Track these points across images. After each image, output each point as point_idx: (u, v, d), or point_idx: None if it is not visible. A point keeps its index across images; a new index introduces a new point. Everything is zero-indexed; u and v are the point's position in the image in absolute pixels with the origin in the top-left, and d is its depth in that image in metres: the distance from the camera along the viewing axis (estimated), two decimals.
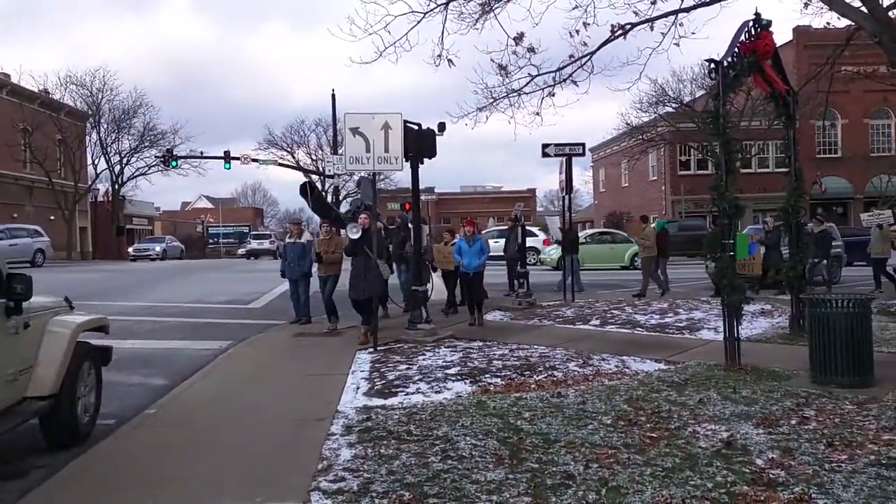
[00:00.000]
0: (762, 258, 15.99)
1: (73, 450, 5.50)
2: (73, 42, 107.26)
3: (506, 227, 34.71)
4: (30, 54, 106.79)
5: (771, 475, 4.34)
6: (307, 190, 12.17)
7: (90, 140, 48.72)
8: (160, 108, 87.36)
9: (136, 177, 51.27)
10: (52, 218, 44.04)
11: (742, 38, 8.18)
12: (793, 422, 5.50)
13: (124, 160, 49.84)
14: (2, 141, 40.47)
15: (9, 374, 5.07)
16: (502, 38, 10.56)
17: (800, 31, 34.07)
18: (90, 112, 47.63)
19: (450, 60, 10.69)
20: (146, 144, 49.69)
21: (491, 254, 18.53)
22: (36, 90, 44.31)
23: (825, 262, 16.02)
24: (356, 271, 10.06)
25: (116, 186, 50.17)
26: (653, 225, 16.95)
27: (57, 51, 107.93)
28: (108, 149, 48.82)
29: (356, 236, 9.93)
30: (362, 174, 12.03)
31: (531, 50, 10.58)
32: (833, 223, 21.00)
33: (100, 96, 47.22)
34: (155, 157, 47.37)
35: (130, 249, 45.87)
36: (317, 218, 13.64)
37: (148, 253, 44.16)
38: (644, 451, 4.86)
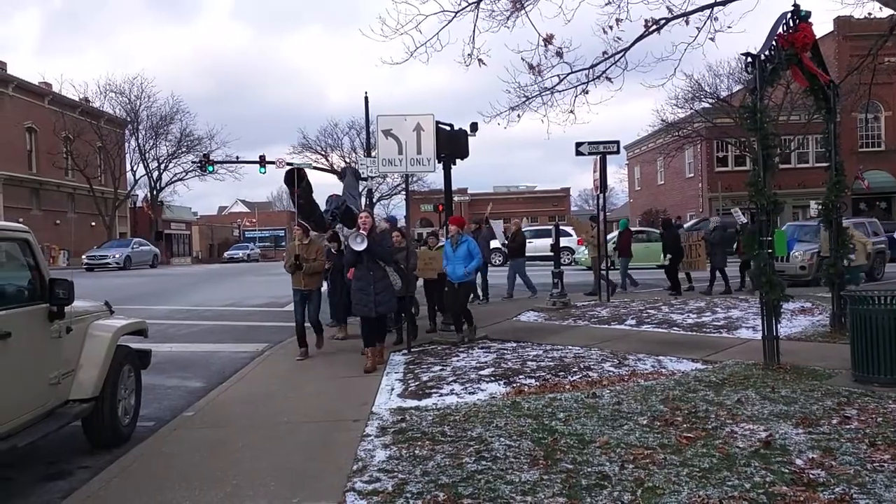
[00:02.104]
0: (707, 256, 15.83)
1: (114, 451, 5.64)
2: (115, 50, 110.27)
3: (540, 227, 34.59)
4: (73, 63, 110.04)
5: (811, 475, 4.25)
6: (294, 178, 9.55)
7: (129, 147, 49.92)
8: (197, 113, 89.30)
9: (173, 182, 52.37)
10: (94, 224, 45.22)
11: (780, 30, 8.01)
12: (834, 421, 5.37)
13: (162, 166, 50.92)
14: (45, 149, 41.72)
15: (52, 378, 5.21)
16: (533, 36, 10.50)
17: (841, 22, 33.35)
18: (129, 119, 48.74)
19: (480, 60, 10.64)
20: (183, 150, 50.72)
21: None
22: (77, 99, 45.49)
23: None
24: (362, 283, 8.45)
25: (154, 192, 51.21)
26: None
27: (99, 59, 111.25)
28: (147, 155, 49.94)
29: (361, 247, 8.14)
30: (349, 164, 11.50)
31: (559, 54, 10.49)
32: (876, 218, 20.48)
33: (138, 103, 48.35)
34: (192, 162, 48.26)
35: (84, 257, 35.85)
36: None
37: (105, 261, 34.97)
38: (680, 452, 4.79)
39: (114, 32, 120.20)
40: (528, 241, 18.07)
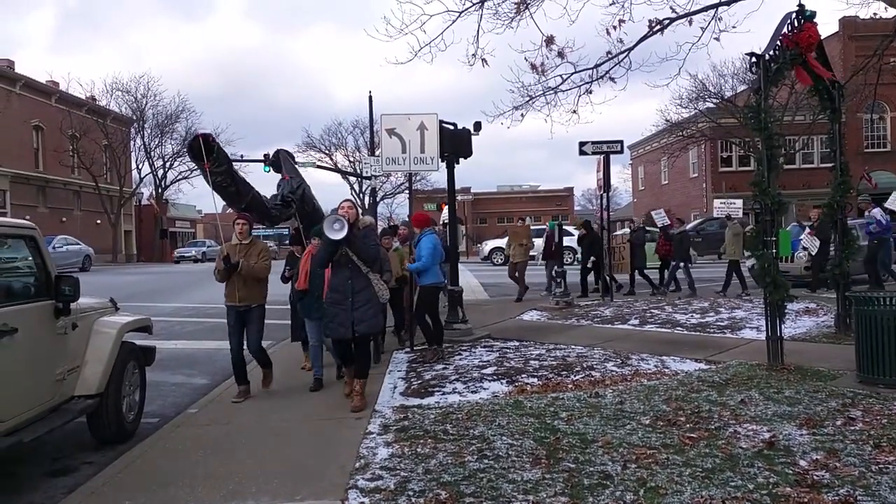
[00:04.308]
0: (630, 257, 15.74)
1: (118, 447, 5.68)
2: (127, 49, 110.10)
3: (540, 227, 34.40)
4: (85, 61, 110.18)
5: (815, 476, 4.24)
6: (200, 149, 6.77)
7: (134, 145, 50.01)
8: (203, 112, 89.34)
9: (178, 181, 52.46)
10: (99, 222, 45.33)
11: (784, 30, 7.99)
12: (838, 422, 5.36)
13: (167, 164, 51.01)
14: (51, 147, 41.84)
15: (58, 374, 5.24)
16: (537, 36, 10.51)
17: (846, 22, 33.24)
18: (135, 117, 48.86)
19: (484, 60, 10.63)
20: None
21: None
22: (83, 97, 45.63)
23: (682, 264, 15.85)
24: (336, 294, 6.51)
25: (160, 190, 51.32)
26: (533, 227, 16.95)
27: (111, 57, 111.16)
28: (152, 153, 50.01)
29: (339, 236, 6.19)
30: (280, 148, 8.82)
31: (560, 55, 10.45)
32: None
33: (144, 102, 48.46)
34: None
35: None
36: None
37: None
38: (683, 452, 4.79)
39: (127, 31, 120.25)
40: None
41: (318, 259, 6.75)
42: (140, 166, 50.54)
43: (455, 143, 10.55)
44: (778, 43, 7.90)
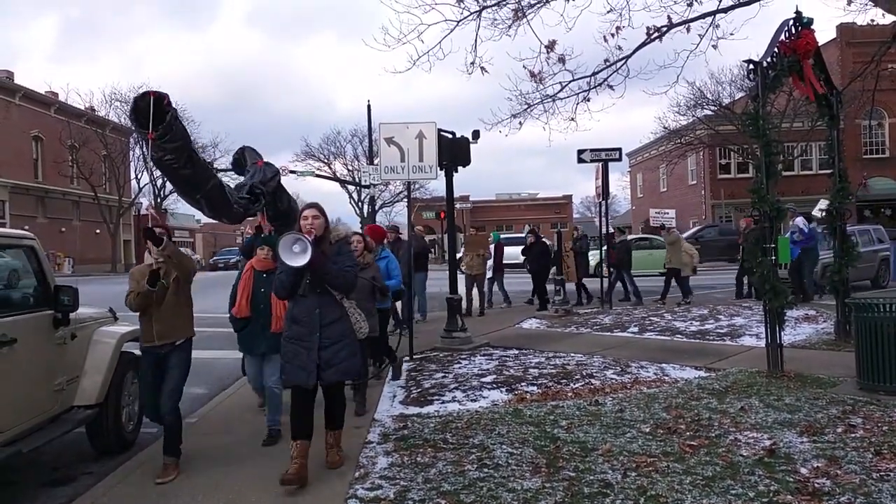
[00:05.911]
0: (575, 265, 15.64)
1: (118, 457, 5.66)
2: (129, 58, 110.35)
3: (513, 235, 34.15)
4: (84, 70, 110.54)
5: (816, 484, 4.23)
6: (148, 112, 4.71)
7: (133, 155, 50.03)
8: (202, 122, 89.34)
9: None
10: (98, 232, 45.34)
11: (782, 37, 8.02)
12: (839, 430, 5.35)
13: None
14: (50, 157, 41.92)
15: (57, 384, 5.23)
16: (535, 44, 10.50)
17: (844, 29, 33.36)
18: (133, 127, 48.90)
19: (482, 68, 10.63)
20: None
21: (511, 261, 18.42)
22: (83, 108, 45.76)
23: (614, 272, 15.91)
24: (300, 327, 4.81)
25: (158, 200, 51.31)
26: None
27: (111, 66, 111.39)
28: (151, 163, 49.95)
29: (300, 262, 4.52)
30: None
31: (561, 60, 10.45)
32: (880, 225, 20.45)
33: None
34: None
35: None
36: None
37: None
38: (684, 460, 4.78)
39: (128, 40, 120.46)
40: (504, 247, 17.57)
41: (279, 287, 4.88)
42: (139, 176, 50.61)
43: (453, 152, 10.55)
44: (776, 50, 7.93)
